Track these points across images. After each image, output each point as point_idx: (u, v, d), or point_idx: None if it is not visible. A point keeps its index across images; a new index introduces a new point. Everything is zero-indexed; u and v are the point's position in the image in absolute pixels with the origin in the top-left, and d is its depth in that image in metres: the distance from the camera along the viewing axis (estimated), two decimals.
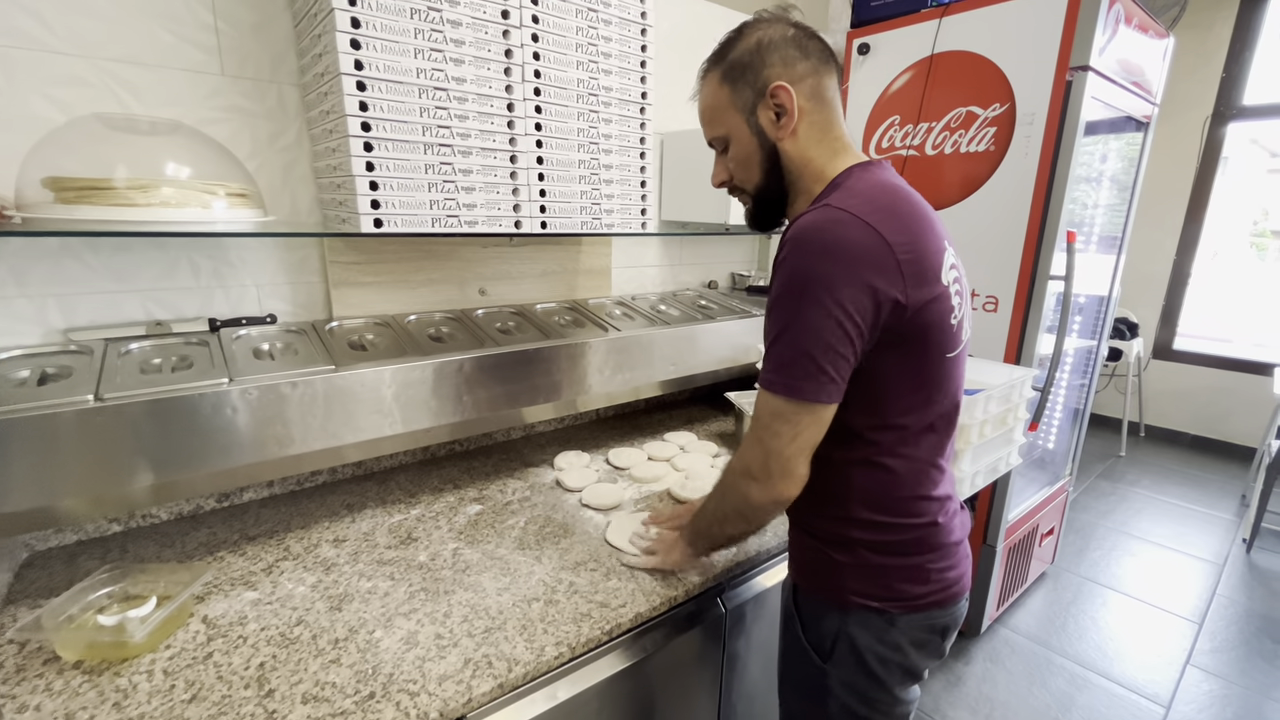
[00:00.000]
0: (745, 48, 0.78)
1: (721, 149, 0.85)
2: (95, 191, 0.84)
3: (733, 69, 0.79)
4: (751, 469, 0.77)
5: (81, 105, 0.99)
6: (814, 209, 0.72)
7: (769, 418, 0.73)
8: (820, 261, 0.67)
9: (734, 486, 0.81)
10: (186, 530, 1.13)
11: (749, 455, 0.77)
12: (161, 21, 1.03)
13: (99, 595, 0.88)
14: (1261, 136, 3.91)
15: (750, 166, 0.82)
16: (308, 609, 0.91)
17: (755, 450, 0.76)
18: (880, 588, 0.79)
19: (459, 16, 1.02)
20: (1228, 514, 3.07)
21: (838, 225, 0.68)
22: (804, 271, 0.68)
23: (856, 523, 0.79)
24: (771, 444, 0.74)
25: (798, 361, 0.69)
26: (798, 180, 0.81)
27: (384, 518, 1.19)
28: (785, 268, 0.70)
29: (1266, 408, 3.54)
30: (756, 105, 0.79)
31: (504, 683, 0.79)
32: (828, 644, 0.83)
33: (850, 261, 0.67)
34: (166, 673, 0.78)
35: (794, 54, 0.77)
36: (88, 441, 0.85)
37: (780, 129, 0.78)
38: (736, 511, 0.84)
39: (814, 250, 0.68)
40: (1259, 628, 2.20)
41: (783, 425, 0.72)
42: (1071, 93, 1.61)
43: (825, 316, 0.67)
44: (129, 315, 1.09)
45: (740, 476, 0.79)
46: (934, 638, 0.83)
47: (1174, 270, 3.91)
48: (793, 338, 0.69)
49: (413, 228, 1.05)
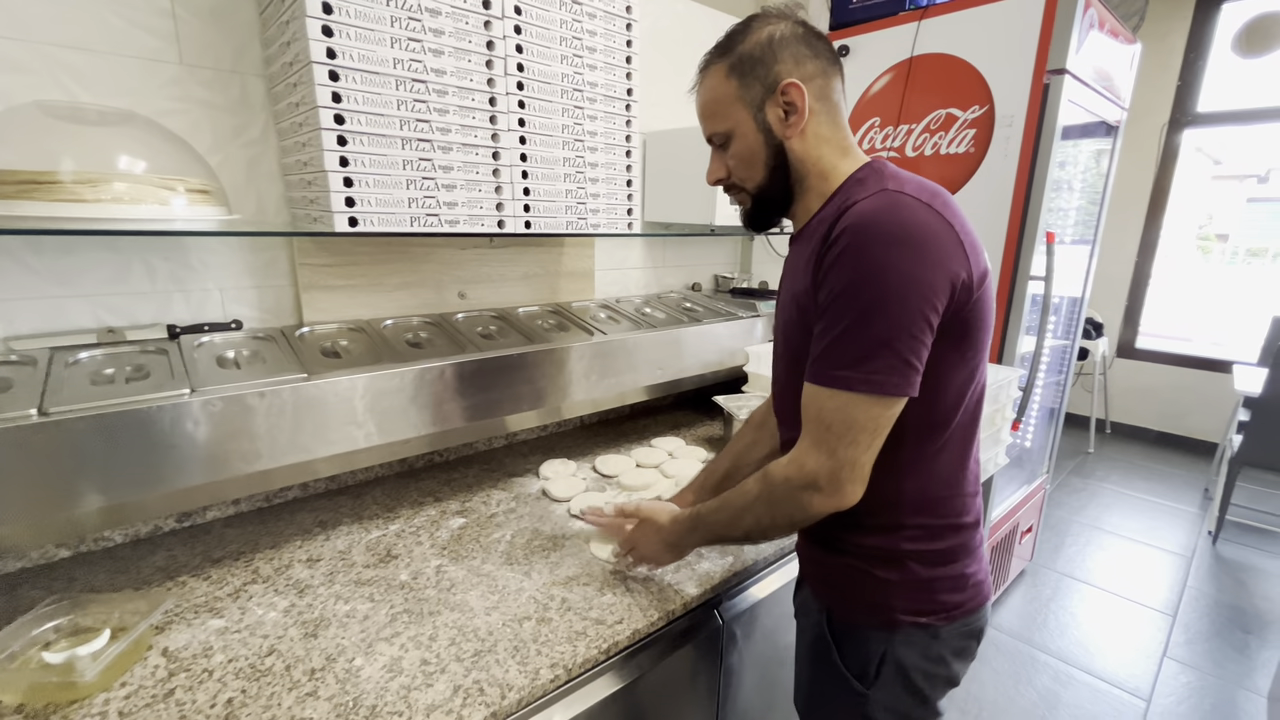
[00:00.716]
0: (756, 41, 0.75)
1: (721, 145, 0.81)
2: (37, 186, 0.76)
3: (741, 62, 0.75)
4: (818, 480, 0.69)
5: (20, 92, 0.90)
6: (872, 195, 0.68)
7: (841, 420, 0.67)
8: (895, 247, 0.63)
9: (790, 499, 0.73)
10: (143, 554, 1.04)
11: (813, 464, 0.70)
12: (111, 4, 0.95)
13: (45, 629, 0.80)
14: (1205, 144, 4.08)
15: (754, 164, 0.79)
16: (280, 636, 0.85)
17: (822, 459, 0.69)
18: (928, 602, 0.76)
19: (438, 5, 0.97)
20: (1192, 507, 3.17)
21: (907, 208, 0.65)
22: (877, 258, 0.64)
23: (907, 532, 0.76)
24: (846, 452, 0.67)
25: (877, 353, 0.64)
26: (804, 179, 0.78)
27: (361, 534, 1.12)
28: (851, 257, 0.65)
29: (1226, 404, 3.67)
30: (765, 101, 0.75)
31: (497, 711, 0.74)
32: (872, 669, 0.79)
33: (925, 244, 0.64)
34: (121, 714, 0.71)
35: (804, 52, 0.74)
36: (30, 461, 0.77)
37: (789, 127, 0.76)
38: (787, 523, 0.76)
39: (885, 236, 0.64)
40: (1229, 618, 2.26)
41: (860, 429, 0.67)
42: (1049, 95, 1.63)
43: (905, 301, 0.63)
44: (77, 322, 1.01)
45: (801, 489, 0.71)
46: (971, 643, 0.81)
47: (1135, 271, 4.04)
48: (870, 328, 0.64)
49: (390, 227, 0.99)
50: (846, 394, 0.66)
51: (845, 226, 0.67)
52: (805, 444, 0.71)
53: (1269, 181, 6.51)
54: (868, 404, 0.66)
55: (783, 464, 0.74)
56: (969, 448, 0.78)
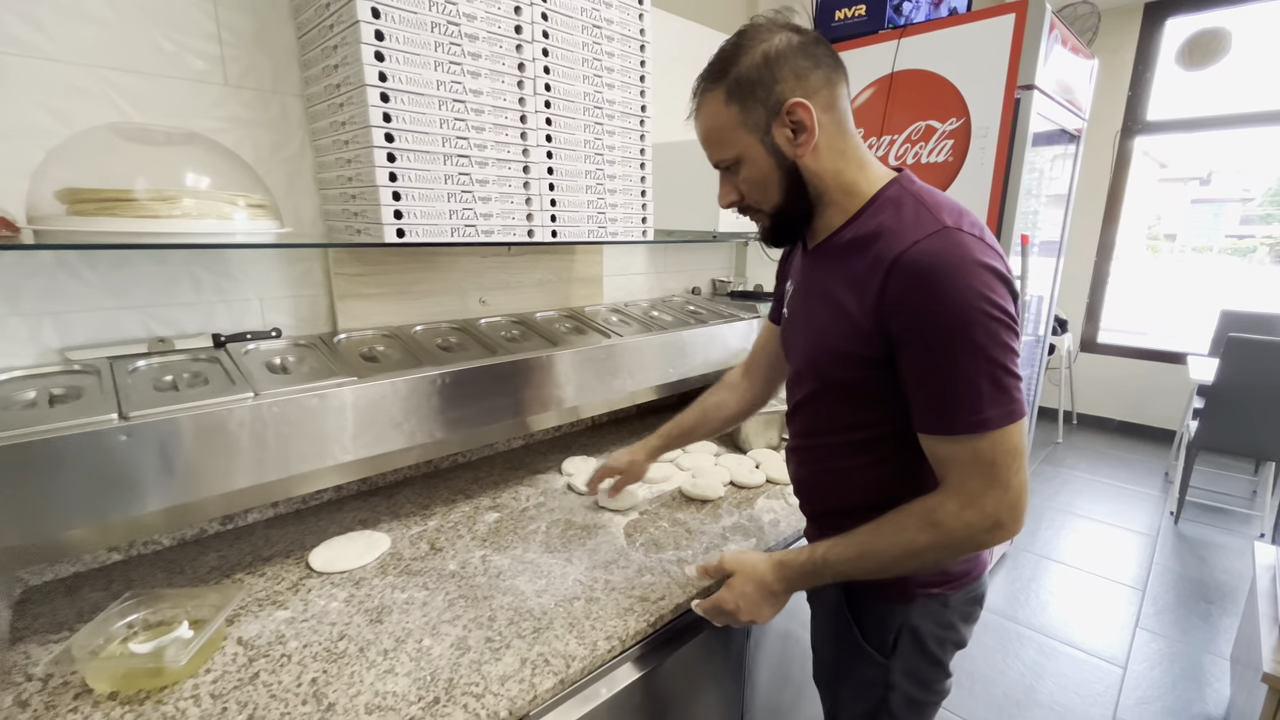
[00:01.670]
0: (751, 62, 0.72)
1: (729, 169, 0.79)
2: (117, 204, 0.81)
3: (739, 86, 0.72)
4: (1001, 517, 0.69)
5: (79, 115, 0.95)
6: (934, 234, 0.67)
7: (1006, 454, 0.67)
8: (983, 285, 0.65)
9: (971, 543, 0.71)
10: (193, 555, 1.08)
11: (993, 504, 0.68)
12: (163, 30, 1.00)
13: (122, 625, 0.84)
14: (1153, 149, 4.35)
15: (767, 187, 0.77)
16: (347, 623, 0.90)
17: (1000, 495, 0.68)
18: (939, 574, 0.83)
19: (476, 31, 1.04)
20: (1154, 490, 3.37)
21: (975, 248, 0.67)
22: (971, 300, 0.64)
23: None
24: (1016, 479, 0.68)
25: (1004, 385, 0.66)
26: (824, 194, 0.77)
27: (402, 530, 1.17)
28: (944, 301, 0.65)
29: (1181, 393, 3.90)
30: (771, 124, 0.73)
31: (564, 678, 0.81)
32: (890, 640, 0.85)
33: (998, 274, 0.66)
34: (214, 696, 0.76)
35: (805, 64, 0.71)
36: (110, 464, 0.81)
37: (800, 146, 0.73)
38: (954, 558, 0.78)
39: (973, 278, 0.65)
40: (1193, 590, 2.43)
41: (1019, 454, 0.68)
42: (1020, 109, 1.77)
43: (1005, 330, 0.65)
44: (128, 333, 1.04)
45: (987, 531, 0.69)
46: (975, 608, 0.89)
47: (1095, 270, 4.27)
48: (988, 364, 0.65)
49: (433, 237, 1.05)
50: (999, 432, 0.67)
51: (920, 271, 0.66)
52: (979, 487, 0.69)
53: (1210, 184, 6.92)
54: (1015, 431, 0.68)
55: (954, 511, 0.70)
56: None
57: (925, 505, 0.73)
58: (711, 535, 1.17)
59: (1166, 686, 1.91)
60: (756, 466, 1.46)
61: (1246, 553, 2.69)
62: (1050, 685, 1.91)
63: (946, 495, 0.71)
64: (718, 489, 1.34)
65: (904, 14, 2.04)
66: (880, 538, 0.76)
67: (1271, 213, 6.26)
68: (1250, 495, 3.26)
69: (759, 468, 1.45)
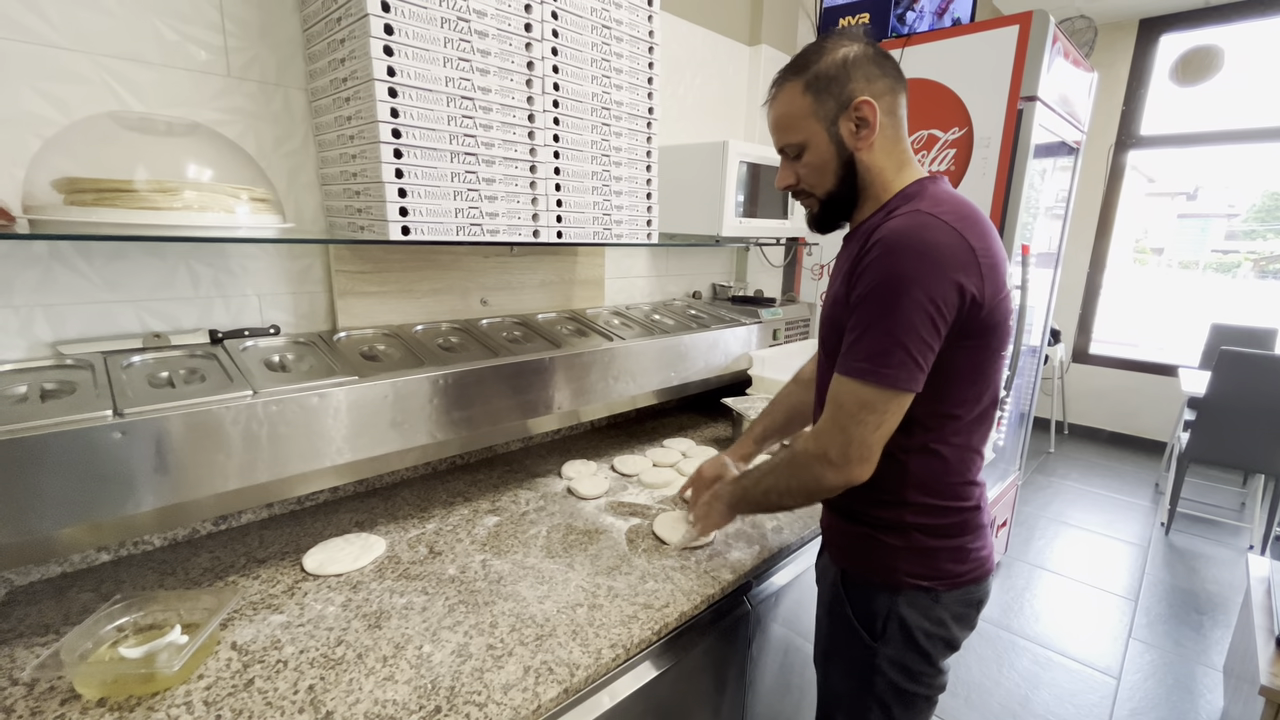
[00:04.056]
0: (831, 61, 0.82)
1: (795, 155, 0.88)
2: (115, 194, 0.79)
3: (817, 80, 0.82)
4: (829, 454, 0.79)
5: (79, 103, 0.92)
6: (903, 214, 0.78)
7: (855, 406, 0.77)
8: (917, 261, 0.73)
9: (807, 468, 0.83)
10: (185, 556, 1.05)
11: (828, 441, 0.80)
12: (166, 18, 0.98)
13: (111, 628, 0.81)
14: (1140, 163, 4.40)
15: (825, 173, 0.86)
16: (345, 628, 0.88)
17: (836, 437, 0.79)
18: (929, 568, 0.85)
19: (486, 28, 1.03)
20: (1145, 501, 3.39)
21: (932, 229, 0.74)
22: (899, 270, 0.73)
23: (911, 507, 0.85)
24: (855, 431, 0.77)
25: (891, 351, 0.74)
26: (868, 188, 0.86)
27: (400, 533, 1.15)
28: (878, 266, 0.75)
29: (1173, 404, 3.94)
30: (839, 116, 0.83)
31: (569, 687, 0.79)
32: (879, 624, 0.88)
33: (942, 261, 0.73)
34: (207, 704, 0.73)
35: (875, 71, 0.82)
36: (103, 461, 0.79)
37: (860, 140, 0.83)
38: (803, 490, 0.87)
39: (910, 251, 0.73)
40: (1184, 601, 2.44)
41: (869, 413, 0.76)
42: (1023, 119, 1.78)
43: (919, 309, 0.72)
44: (123, 327, 1.02)
45: (815, 460, 0.81)
46: (971, 611, 0.89)
47: (1088, 282, 4.31)
48: (887, 330, 0.74)
49: (438, 236, 1.04)
50: (861, 383, 0.77)
51: (878, 239, 0.77)
52: (823, 423, 0.82)
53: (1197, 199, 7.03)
54: (880, 395, 0.76)
55: (805, 437, 0.85)
56: (975, 441, 0.87)
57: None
58: (714, 541, 1.16)
59: (1160, 697, 1.92)
60: None
61: (1236, 564, 2.71)
62: (1045, 695, 1.91)
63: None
64: None
65: (907, 24, 2.05)
66: (769, 460, 0.94)
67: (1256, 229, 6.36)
68: (1239, 507, 3.29)
69: None
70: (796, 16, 2.25)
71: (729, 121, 2.13)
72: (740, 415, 1.58)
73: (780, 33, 2.18)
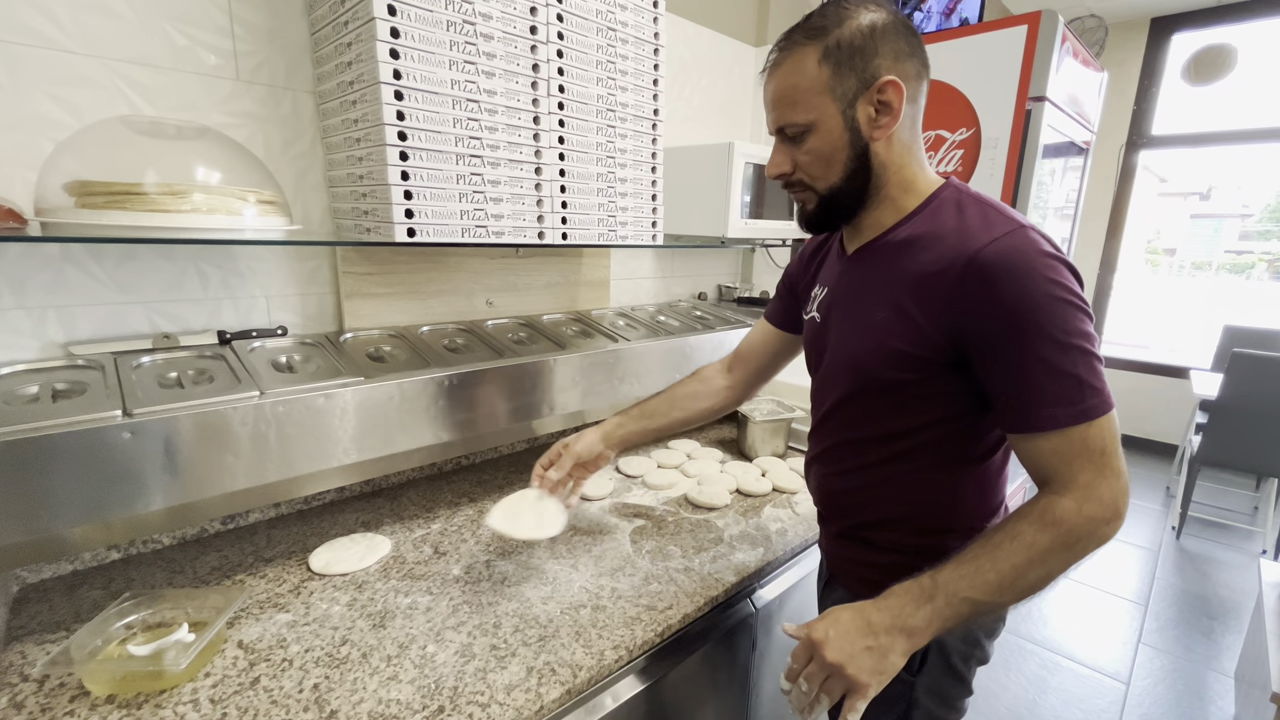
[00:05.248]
0: (857, 28, 0.68)
1: (795, 137, 0.74)
2: (126, 197, 0.80)
3: (840, 48, 0.68)
4: (1119, 505, 0.65)
5: (90, 107, 0.94)
6: (1009, 234, 0.66)
7: (1111, 441, 0.65)
8: (1069, 281, 0.65)
9: (1094, 535, 0.65)
10: (194, 555, 1.06)
11: (1110, 492, 0.65)
12: (176, 23, 0.99)
13: (120, 626, 0.82)
14: (1153, 164, 4.36)
15: (831, 163, 0.73)
16: (349, 628, 0.88)
17: (1114, 483, 0.65)
18: None
19: (491, 30, 1.03)
20: (1156, 504, 3.36)
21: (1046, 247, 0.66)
22: (1061, 295, 0.64)
23: (955, 534, 0.78)
24: (1122, 465, 0.65)
25: (1095, 371, 0.64)
26: (882, 187, 0.74)
27: (405, 533, 1.16)
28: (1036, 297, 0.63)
29: (1184, 407, 3.90)
30: (858, 97, 0.69)
31: (571, 688, 0.79)
32: (916, 657, 0.78)
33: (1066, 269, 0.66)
34: (214, 701, 0.74)
35: (904, 48, 0.69)
36: (113, 461, 0.80)
37: (879, 128, 0.70)
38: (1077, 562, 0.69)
39: (1057, 274, 0.64)
40: (1195, 606, 2.41)
41: (1118, 440, 0.66)
42: (1031, 120, 1.77)
43: (1077, 323, 0.64)
44: (133, 328, 1.03)
45: (1106, 522, 0.65)
46: (998, 623, 0.87)
47: (1098, 283, 4.27)
48: (1079, 354, 0.64)
49: (444, 238, 1.04)
50: (1102, 419, 0.65)
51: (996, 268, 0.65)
52: (1092, 478, 0.65)
53: (1210, 199, 6.95)
54: (1114, 417, 0.66)
55: (1073, 507, 0.65)
56: (1008, 455, 0.81)
57: (1037, 508, 0.66)
58: (718, 544, 1.16)
59: (1170, 703, 1.90)
60: (763, 474, 1.45)
61: (1248, 569, 2.68)
62: (1053, 700, 1.90)
63: (1058, 493, 0.66)
64: (724, 497, 1.33)
65: (915, 24, 2.03)
66: (996, 548, 0.67)
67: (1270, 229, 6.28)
68: (1252, 511, 3.25)
69: (765, 475, 1.44)
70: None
71: (735, 122, 2.13)
72: (745, 416, 1.58)
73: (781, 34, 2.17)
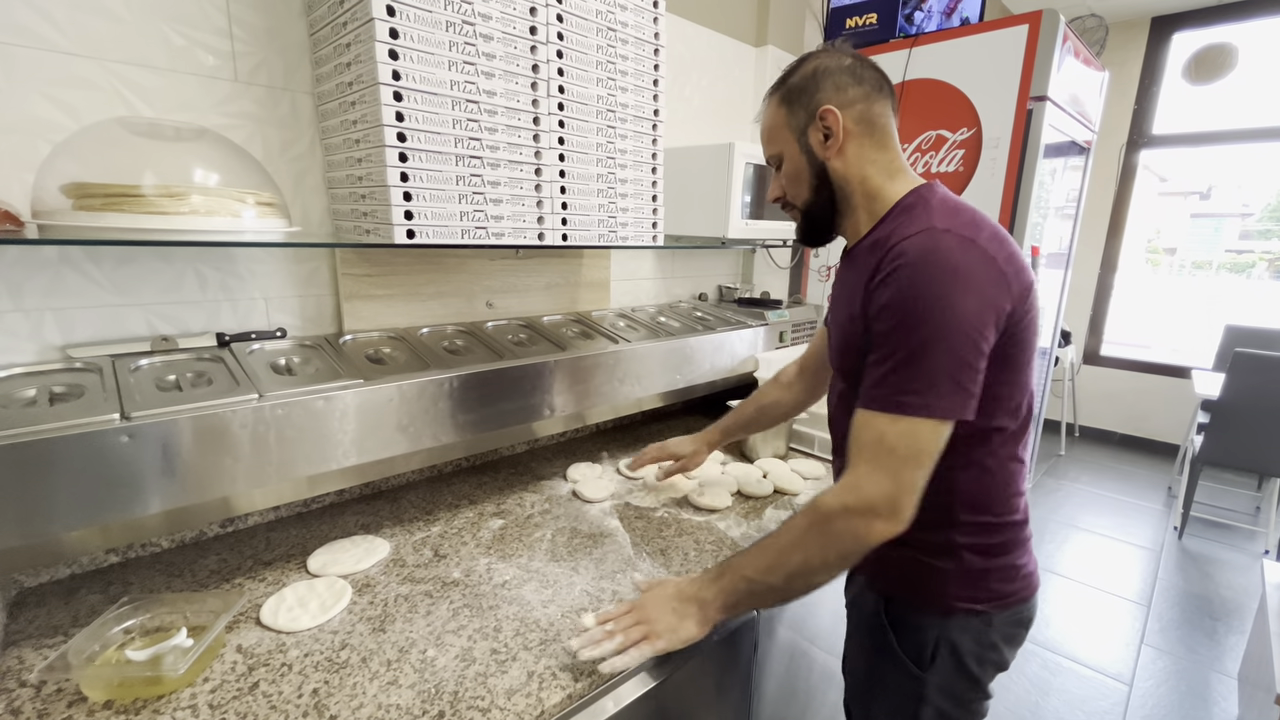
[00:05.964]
0: (803, 74, 0.85)
1: (777, 167, 0.91)
2: (124, 199, 0.79)
3: (790, 93, 0.85)
4: (877, 506, 0.69)
5: (87, 108, 0.93)
6: (918, 233, 0.72)
7: (907, 445, 0.68)
8: (947, 284, 0.68)
9: (847, 530, 0.71)
10: (193, 558, 1.06)
11: (873, 491, 0.69)
12: (174, 24, 0.99)
13: (118, 630, 0.82)
14: (1153, 163, 4.35)
15: (800, 183, 0.88)
16: (349, 632, 0.88)
17: (884, 483, 0.69)
18: (982, 590, 0.82)
19: (491, 31, 1.03)
20: (1157, 504, 3.35)
21: (955, 249, 0.69)
22: (930, 294, 0.68)
23: (961, 527, 0.81)
24: (907, 475, 0.69)
25: (939, 381, 0.68)
26: (850, 197, 0.85)
27: (405, 536, 1.15)
28: (904, 291, 0.69)
29: (1185, 407, 3.89)
30: (807, 127, 0.84)
31: (572, 693, 0.79)
32: (927, 652, 0.84)
33: (974, 280, 0.68)
34: (212, 707, 0.74)
35: (846, 81, 0.82)
36: (111, 465, 0.79)
37: (828, 149, 0.84)
38: (842, 557, 0.73)
39: (938, 273, 0.68)
40: (1197, 607, 2.41)
41: (923, 453, 0.69)
42: (1032, 120, 1.76)
43: (959, 334, 0.67)
44: (131, 330, 1.03)
45: (859, 516, 0.70)
46: (1020, 631, 0.87)
47: (1099, 283, 4.27)
48: (929, 359, 0.67)
49: (443, 239, 1.04)
50: (911, 419, 0.68)
51: (895, 264, 0.71)
52: (862, 469, 0.71)
53: (1210, 198, 6.94)
54: (931, 428, 0.69)
55: (835, 492, 0.72)
56: (1019, 450, 0.83)
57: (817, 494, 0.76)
58: (719, 546, 1.15)
59: (1173, 705, 1.89)
60: (764, 476, 1.44)
61: (1251, 569, 2.67)
62: (1056, 702, 1.89)
63: (838, 482, 0.74)
64: (725, 499, 1.32)
65: (915, 23, 2.03)
66: (771, 533, 0.80)
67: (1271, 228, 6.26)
68: (1254, 511, 3.25)
69: (766, 477, 1.43)
70: (804, 17, 2.24)
71: (735, 123, 2.12)
72: None
73: (787, 34, 2.17)
